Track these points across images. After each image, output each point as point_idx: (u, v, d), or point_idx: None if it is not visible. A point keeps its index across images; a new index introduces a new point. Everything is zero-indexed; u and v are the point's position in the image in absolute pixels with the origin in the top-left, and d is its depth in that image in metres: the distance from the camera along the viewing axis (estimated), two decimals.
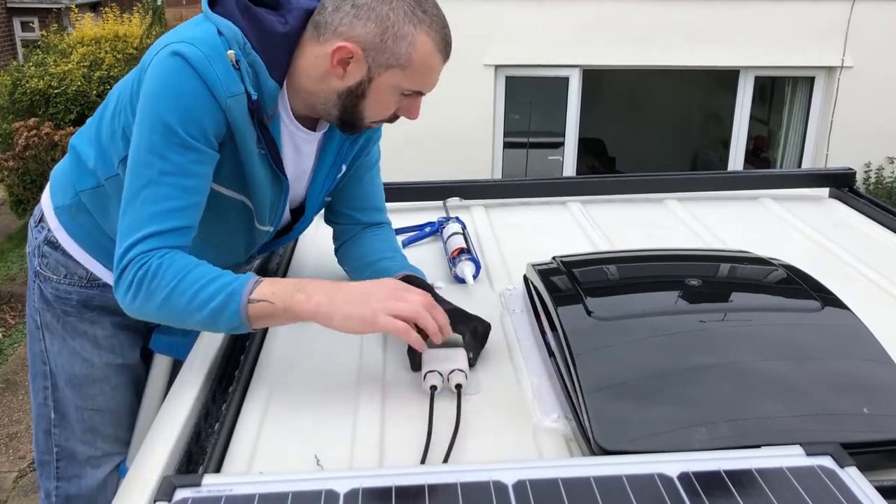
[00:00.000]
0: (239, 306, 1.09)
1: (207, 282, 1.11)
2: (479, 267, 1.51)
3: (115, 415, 1.55)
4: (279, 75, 1.21)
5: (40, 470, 1.59)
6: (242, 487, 0.81)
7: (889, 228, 1.74)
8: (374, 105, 1.23)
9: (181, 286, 1.11)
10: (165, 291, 1.11)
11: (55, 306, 1.48)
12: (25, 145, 5.58)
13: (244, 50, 1.17)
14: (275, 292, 1.10)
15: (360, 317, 1.07)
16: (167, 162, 1.14)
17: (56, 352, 1.50)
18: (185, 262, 1.13)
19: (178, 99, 1.13)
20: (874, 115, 5.75)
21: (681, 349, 1.08)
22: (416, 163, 5.45)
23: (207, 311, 1.10)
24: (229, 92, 1.14)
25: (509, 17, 5.56)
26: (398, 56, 1.18)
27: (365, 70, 1.19)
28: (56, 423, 1.54)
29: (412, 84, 1.22)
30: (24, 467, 3.65)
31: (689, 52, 5.66)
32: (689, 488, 0.79)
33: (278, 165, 1.27)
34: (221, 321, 1.11)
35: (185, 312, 1.12)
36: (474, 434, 1.03)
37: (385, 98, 1.22)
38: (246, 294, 1.10)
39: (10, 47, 12.28)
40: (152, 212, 1.14)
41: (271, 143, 1.24)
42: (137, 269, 1.12)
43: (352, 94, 1.21)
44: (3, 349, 4.79)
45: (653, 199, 1.97)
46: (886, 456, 0.92)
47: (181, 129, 1.13)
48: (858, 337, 1.10)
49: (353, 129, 1.28)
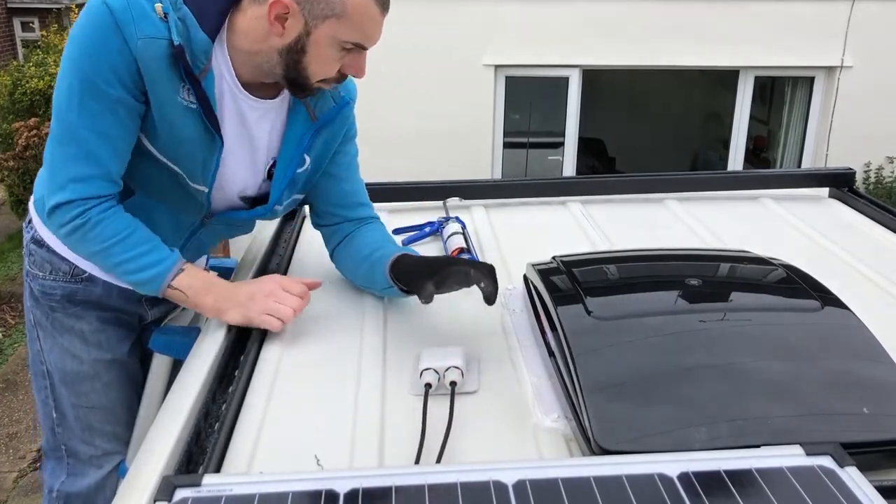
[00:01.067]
0: (159, 288, 1.28)
1: (139, 253, 1.26)
2: None
3: (110, 412, 1.55)
4: (210, 29, 1.22)
5: (49, 466, 1.59)
6: (242, 487, 0.81)
7: (889, 228, 1.74)
8: (316, 60, 1.23)
9: (116, 248, 1.25)
10: (99, 247, 1.26)
11: (42, 303, 1.49)
12: (25, 145, 5.59)
13: (175, 5, 1.19)
14: (191, 285, 1.28)
15: (243, 316, 1.26)
16: (83, 108, 1.19)
17: (49, 349, 1.51)
18: (122, 224, 1.26)
19: (91, 44, 1.16)
20: (874, 115, 5.75)
21: (681, 349, 1.08)
22: (415, 163, 5.45)
23: (131, 278, 1.28)
24: (141, 34, 1.16)
25: (509, 17, 5.56)
26: (332, 5, 1.18)
27: (302, 24, 1.20)
28: (58, 422, 1.54)
29: (350, 35, 1.21)
30: (24, 467, 3.65)
31: (689, 52, 5.67)
32: (689, 488, 0.79)
33: (211, 121, 1.27)
34: (139, 288, 1.30)
35: (110, 267, 1.29)
36: (474, 434, 1.03)
37: (325, 52, 1.22)
38: (168, 280, 1.27)
39: (10, 47, 12.28)
40: (74, 154, 1.21)
41: (203, 96, 1.24)
42: (77, 216, 1.23)
43: (292, 51, 1.22)
44: (3, 349, 4.79)
45: (653, 199, 1.97)
46: (886, 456, 0.92)
47: (95, 75, 1.17)
48: (858, 337, 1.10)
49: (302, 89, 1.29)
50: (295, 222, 1.81)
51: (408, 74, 5.51)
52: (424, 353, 1.15)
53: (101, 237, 1.25)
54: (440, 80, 5.55)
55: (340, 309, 1.40)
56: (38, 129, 5.65)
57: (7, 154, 5.75)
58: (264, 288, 1.28)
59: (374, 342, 1.28)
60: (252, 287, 1.29)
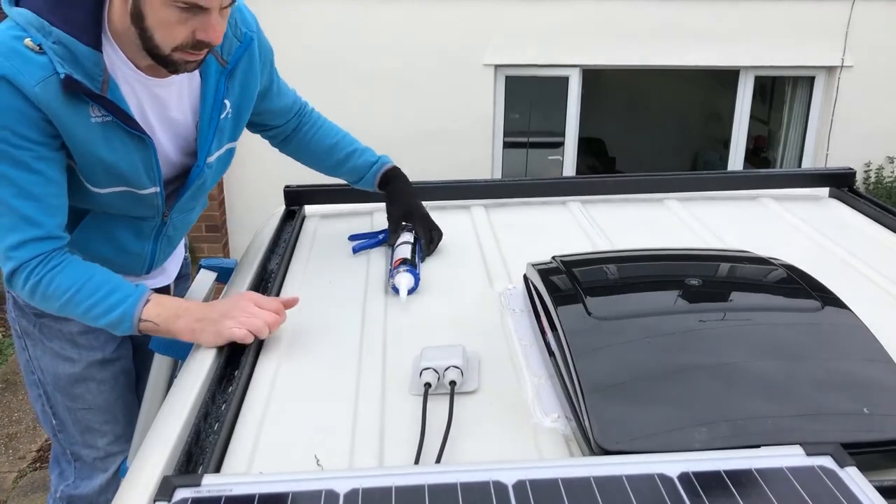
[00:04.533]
0: (131, 325, 1.26)
1: (102, 297, 1.25)
2: (417, 280, 1.45)
3: (108, 411, 1.55)
4: (92, 39, 1.19)
5: (57, 469, 1.59)
6: (242, 487, 0.81)
7: (889, 228, 1.74)
8: (157, 24, 1.18)
9: (77, 297, 1.25)
10: (62, 300, 1.25)
11: (27, 311, 1.48)
12: None
13: (44, 31, 1.15)
14: (159, 314, 1.26)
15: (216, 334, 1.22)
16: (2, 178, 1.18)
17: (39, 356, 1.50)
18: (77, 273, 1.25)
19: None
20: (874, 115, 5.74)
21: (680, 349, 1.08)
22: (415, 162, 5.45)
23: (103, 322, 1.26)
24: (35, 79, 1.14)
25: (509, 17, 5.55)
26: None
27: None
28: (59, 428, 1.54)
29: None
30: (24, 467, 3.65)
31: (689, 52, 5.66)
32: (690, 488, 0.79)
33: (133, 126, 1.26)
34: (115, 330, 1.28)
35: (80, 316, 1.27)
36: (474, 434, 1.03)
37: (161, 13, 1.16)
38: (137, 314, 1.25)
39: None
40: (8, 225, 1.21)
41: (114, 107, 1.23)
42: (27, 279, 1.24)
43: (135, 18, 1.18)
44: (3, 349, 4.79)
45: (653, 199, 1.97)
46: (886, 456, 0.92)
47: (3, 142, 1.15)
48: (858, 337, 1.10)
49: (164, 63, 1.23)
50: (295, 222, 1.81)
51: (407, 74, 5.51)
52: (424, 353, 1.15)
53: (60, 291, 1.24)
54: (440, 80, 5.54)
55: (340, 309, 1.40)
56: None
57: None
58: (237, 303, 1.25)
59: (374, 342, 1.27)
60: (224, 304, 1.26)
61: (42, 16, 1.16)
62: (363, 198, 1.87)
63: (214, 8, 1.18)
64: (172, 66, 1.25)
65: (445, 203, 1.94)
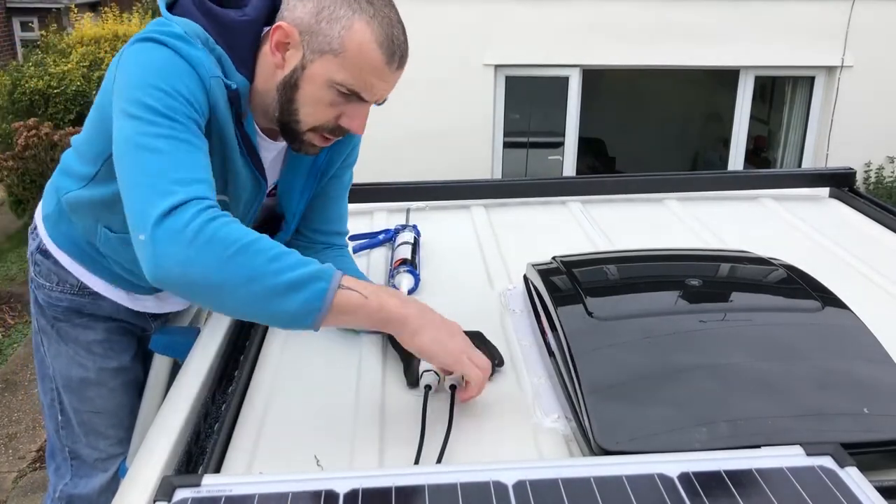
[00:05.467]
0: (328, 287, 0.96)
1: (289, 252, 0.98)
2: (417, 281, 1.45)
3: (114, 415, 1.55)
4: (247, 71, 1.16)
5: (53, 465, 1.59)
6: (242, 488, 0.81)
7: (889, 228, 1.74)
8: (309, 100, 1.13)
9: (260, 244, 0.96)
10: (237, 245, 0.95)
11: (48, 313, 1.48)
12: (25, 145, 5.59)
13: (208, 45, 1.12)
14: (366, 286, 1.01)
15: (446, 347, 1.03)
16: (173, 122, 1.03)
17: (53, 356, 1.50)
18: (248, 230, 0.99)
19: (171, 72, 1.06)
20: (874, 115, 5.75)
21: (681, 349, 1.08)
22: (415, 162, 5.45)
23: (287, 278, 0.94)
24: (211, 72, 1.10)
25: (509, 17, 5.56)
26: (330, 39, 1.09)
27: (300, 56, 1.12)
28: (63, 425, 1.54)
29: (346, 77, 1.11)
30: (24, 467, 3.65)
31: (689, 52, 5.66)
32: (690, 488, 0.79)
33: (256, 164, 1.24)
34: (295, 299, 0.95)
35: (255, 273, 0.94)
36: (474, 434, 1.03)
37: (319, 93, 1.12)
38: (337, 278, 0.98)
39: (9, 47, 12.28)
40: (174, 161, 1.00)
41: (247, 139, 1.20)
42: (199, 212, 0.96)
43: (287, 86, 1.14)
44: (3, 349, 4.79)
45: (653, 199, 1.97)
46: (886, 456, 0.92)
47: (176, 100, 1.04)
48: (858, 337, 1.10)
49: (293, 137, 1.19)
50: None
51: (408, 74, 5.50)
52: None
53: (235, 235, 0.96)
54: (440, 80, 5.54)
55: None
56: (37, 129, 5.65)
57: (6, 154, 5.75)
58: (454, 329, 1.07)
59: (375, 342, 1.27)
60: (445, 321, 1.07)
61: (207, 31, 1.13)
62: (363, 198, 1.87)
63: (371, 101, 1.16)
64: (297, 143, 1.20)
65: (445, 203, 1.94)
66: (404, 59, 1.15)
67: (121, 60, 1.11)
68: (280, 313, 0.96)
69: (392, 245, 1.62)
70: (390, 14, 1.14)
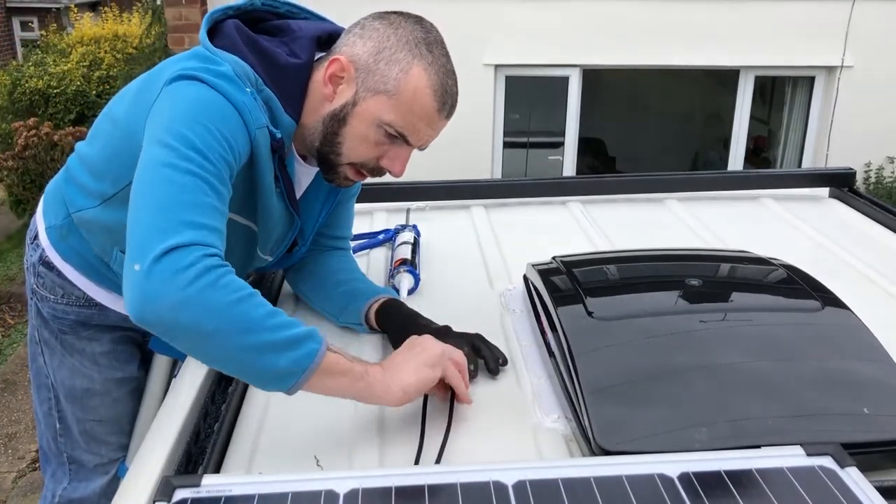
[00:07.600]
0: (318, 347, 0.98)
1: (280, 311, 0.99)
2: (417, 281, 1.45)
3: (117, 423, 1.54)
4: (294, 112, 1.16)
5: (49, 469, 1.58)
6: (242, 488, 0.81)
7: (889, 228, 1.74)
8: (354, 136, 1.15)
9: (255, 299, 0.97)
10: (237, 295, 0.95)
11: (52, 325, 1.45)
12: (25, 145, 5.58)
13: (257, 87, 1.12)
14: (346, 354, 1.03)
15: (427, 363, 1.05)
16: (204, 163, 1.02)
17: (56, 367, 1.48)
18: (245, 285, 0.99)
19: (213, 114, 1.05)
20: (874, 115, 5.74)
21: (681, 349, 1.08)
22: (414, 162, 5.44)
23: (284, 335, 0.96)
24: (258, 123, 1.10)
25: (509, 16, 5.55)
26: (387, 80, 1.11)
27: (353, 92, 1.14)
28: (61, 432, 1.53)
29: (396, 119, 1.13)
30: (24, 467, 3.65)
31: (689, 52, 5.66)
32: (690, 489, 0.79)
33: (293, 204, 1.24)
34: (287, 357, 0.96)
35: (254, 325, 0.95)
36: (474, 434, 1.03)
37: (366, 130, 1.14)
38: (325, 341, 0.99)
39: (9, 47, 12.29)
40: (189, 202, 0.99)
41: (288, 181, 1.21)
42: (203, 257, 0.95)
43: (335, 119, 1.15)
44: (3, 349, 4.79)
45: (653, 199, 1.97)
46: (886, 456, 0.92)
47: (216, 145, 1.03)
48: (858, 337, 1.10)
49: (330, 168, 1.21)
50: None
51: None
52: None
53: (236, 286, 0.96)
54: None
55: None
56: (37, 128, 5.64)
57: (6, 154, 5.74)
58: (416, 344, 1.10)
59: (375, 342, 1.27)
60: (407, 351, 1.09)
61: (256, 70, 1.12)
62: (363, 198, 1.87)
63: (415, 146, 1.17)
64: (332, 174, 1.22)
65: (445, 203, 1.94)
66: (453, 109, 1.18)
67: (166, 95, 1.09)
68: (267, 369, 0.96)
69: (392, 245, 1.62)
70: (447, 64, 1.15)
